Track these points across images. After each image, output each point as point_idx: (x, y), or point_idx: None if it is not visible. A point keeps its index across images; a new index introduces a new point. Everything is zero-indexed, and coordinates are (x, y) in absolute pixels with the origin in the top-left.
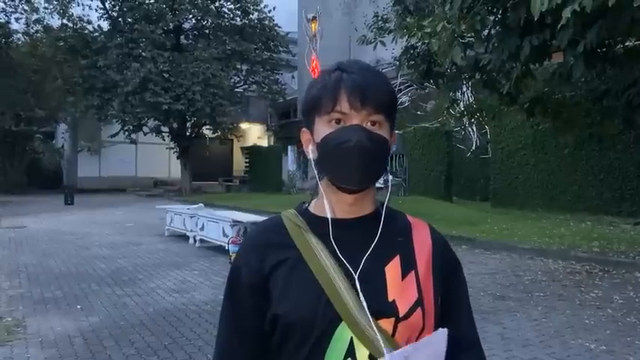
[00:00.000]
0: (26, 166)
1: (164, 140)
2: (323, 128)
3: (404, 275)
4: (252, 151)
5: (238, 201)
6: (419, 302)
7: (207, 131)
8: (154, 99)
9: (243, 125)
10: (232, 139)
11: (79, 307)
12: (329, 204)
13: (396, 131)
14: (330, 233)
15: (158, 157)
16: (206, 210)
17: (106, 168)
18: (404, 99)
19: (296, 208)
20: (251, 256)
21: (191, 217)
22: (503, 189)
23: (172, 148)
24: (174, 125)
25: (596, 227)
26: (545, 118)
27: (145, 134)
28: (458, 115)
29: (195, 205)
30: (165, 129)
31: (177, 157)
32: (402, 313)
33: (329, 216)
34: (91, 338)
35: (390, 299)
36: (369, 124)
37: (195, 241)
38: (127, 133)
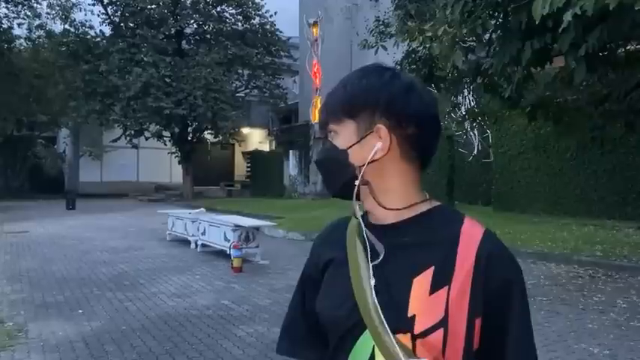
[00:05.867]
0: (28, 171)
1: (166, 145)
2: None
3: (433, 290)
4: (253, 156)
5: (240, 205)
6: (443, 322)
7: (208, 136)
8: (156, 104)
9: (245, 130)
10: (234, 144)
11: (80, 311)
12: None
13: None
14: (360, 234)
15: (160, 161)
16: (208, 214)
17: (108, 173)
18: None
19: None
20: (315, 249)
21: (193, 221)
22: (505, 193)
23: (174, 153)
24: (176, 130)
25: (599, 231)
26: (547, 122)
27: (147, 139)
28: (459, 119)
29: (197, 210)
30: (166, 134)
31: (179, 162)
32: (418, 330)
33: (360, 220)
34: (92, 343)
35: (410, 314)
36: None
37: (196, 245)
38: (128, 137)
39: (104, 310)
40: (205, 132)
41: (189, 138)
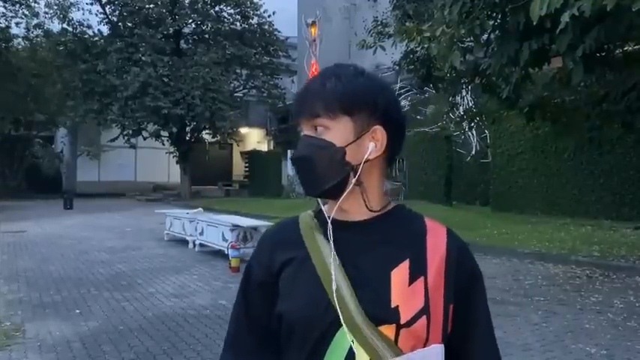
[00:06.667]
0: (25, 171)
1: (163, 145)
2: None
3: (411, 281)
4: (251, 156)
5: (238, 205)
6: (424, 310)
7: (206, 136)
8: (154, 103)
9: (243, 130)
10: (232, 144)
11: (77, 311)
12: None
13: None
14: (330, 234)
15: (157, 161)
16: (205, 214)
17: (106, 172)
18: (404, 103)
19: (314, 209)
20: (263, 252)
21: (190, 221)
22: (503, 193)
23: (172, 153)
24: (174, 130)
25: (597, 231)
26: (545, 123)
27: (145, 139)
28: (457, 119)
29: (195, 210)
30: (164, 133)
31: (177, 162)
32: (404, 320)
33: (327, 217)
34: (89, 343)
35: (393, 305)
36: (313, 130)
37: (194, 245)
38: (126, 137)
39: (101, 310)
40: (203, 132)
41: (187, 138)
